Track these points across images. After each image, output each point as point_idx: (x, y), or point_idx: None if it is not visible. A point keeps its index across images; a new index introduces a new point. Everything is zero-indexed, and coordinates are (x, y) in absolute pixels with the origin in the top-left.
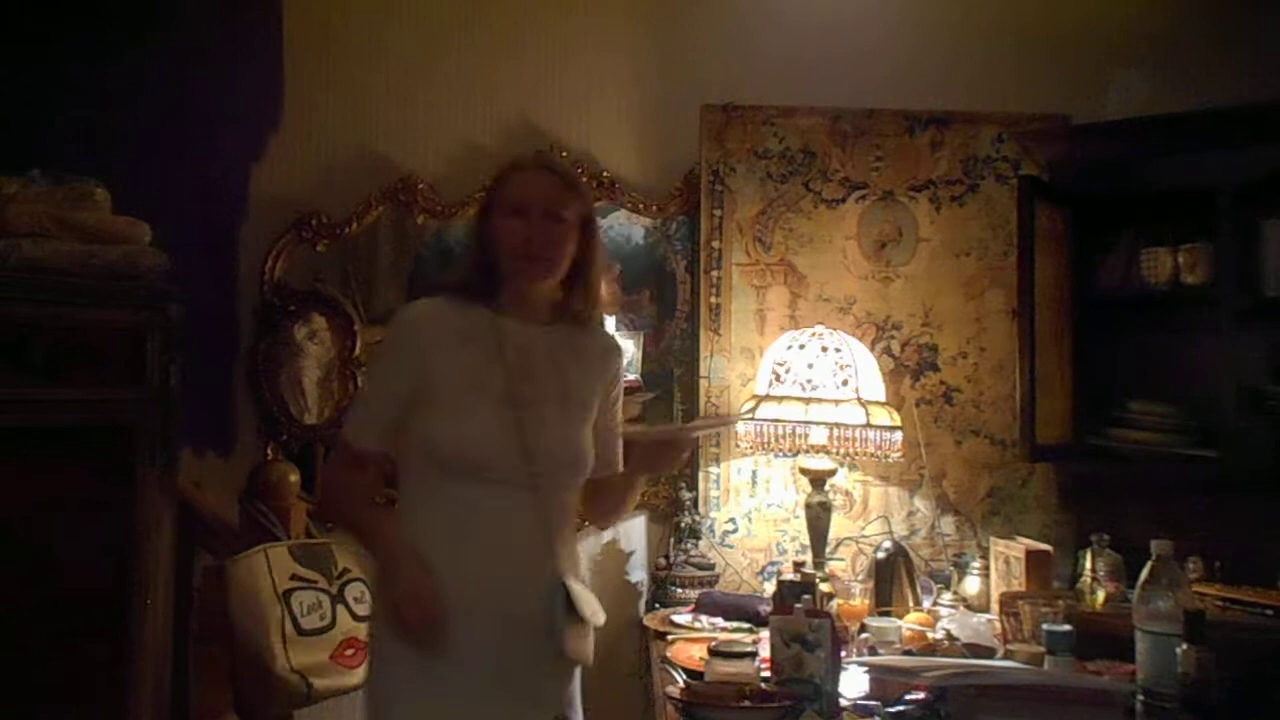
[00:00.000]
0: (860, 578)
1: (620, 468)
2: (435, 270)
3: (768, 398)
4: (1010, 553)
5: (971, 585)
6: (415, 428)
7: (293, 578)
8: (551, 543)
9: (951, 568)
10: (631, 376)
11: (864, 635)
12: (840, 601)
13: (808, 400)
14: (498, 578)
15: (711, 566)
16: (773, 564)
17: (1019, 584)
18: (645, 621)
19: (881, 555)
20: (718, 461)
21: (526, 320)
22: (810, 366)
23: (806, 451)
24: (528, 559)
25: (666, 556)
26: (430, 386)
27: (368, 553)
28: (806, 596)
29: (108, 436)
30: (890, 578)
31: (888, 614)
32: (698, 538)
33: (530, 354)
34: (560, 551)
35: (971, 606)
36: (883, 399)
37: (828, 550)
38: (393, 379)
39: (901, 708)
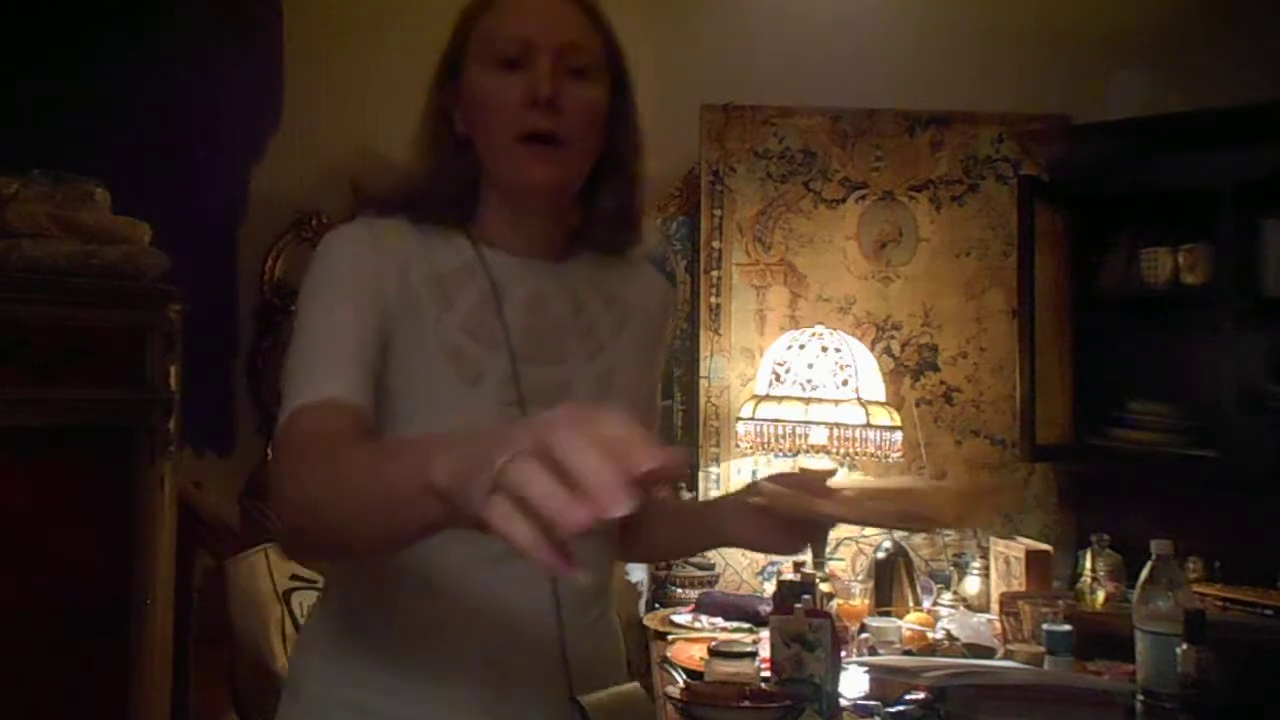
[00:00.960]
0: (860, 578)
1: None
2: None
3: (767, 398)
4: (1010, 553)
5: (971, 585)
6: None
7: (293, 578)
8: (581, 621)
9: (951, 568)
10: None
11: (864, 635)
12: (840, 601)
13: (808, 400)
14: (485, 693)
15: (711, 566)
16: (773, 564)
17: (1019, 584)
18: (645, 621)
19: (881, 555)
20: (718, 461)
21: (529, 254)
22: (810, 366)
23: (806, 451)
24: (531, 661)
25: None
26: (389, 368)
27: (422, 485)
28: (806, 596)
29: (108, 436)
30: (890, 578)
31: (888, 614)
32: None
33: (544, 312)
34: (589, 637)
35: (971, 606)
36: (883, 399)
37: (828, 550)
38: (353, 305)
39: (901, 708)
